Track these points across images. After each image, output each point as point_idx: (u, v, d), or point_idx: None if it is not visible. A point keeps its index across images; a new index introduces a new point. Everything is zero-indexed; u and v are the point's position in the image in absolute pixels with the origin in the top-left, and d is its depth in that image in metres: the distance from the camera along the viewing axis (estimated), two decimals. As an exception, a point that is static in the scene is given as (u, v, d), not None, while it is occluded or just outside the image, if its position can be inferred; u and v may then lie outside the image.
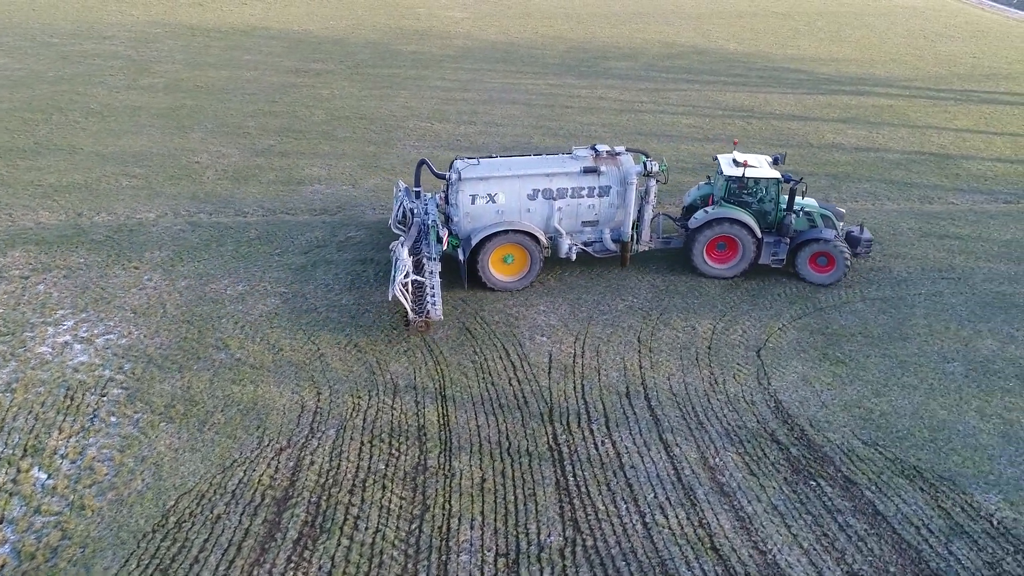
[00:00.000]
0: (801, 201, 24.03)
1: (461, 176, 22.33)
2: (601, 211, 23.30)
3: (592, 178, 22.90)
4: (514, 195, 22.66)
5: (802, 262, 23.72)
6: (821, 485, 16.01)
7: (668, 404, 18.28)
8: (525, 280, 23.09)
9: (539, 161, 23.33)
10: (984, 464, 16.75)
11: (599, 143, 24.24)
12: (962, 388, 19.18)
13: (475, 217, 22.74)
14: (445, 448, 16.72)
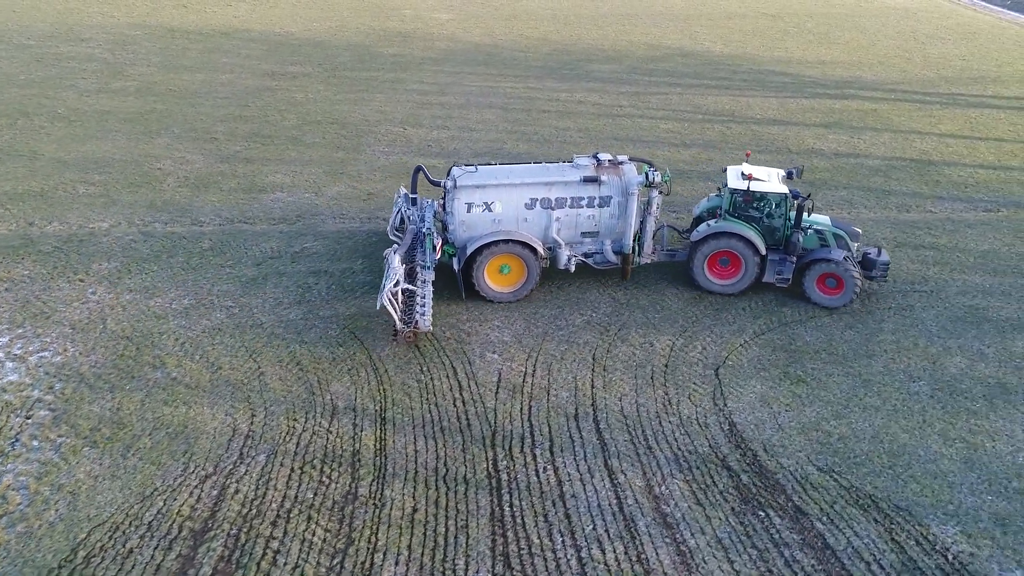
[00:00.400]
0: (812, 218, 23.00)
1: (457, 184, 21.81)
2: (601, 222, 22.61)
3: (592, 188, 22.21)
4: (511, 204, 22.10)
5: (809, 283, 22.56)
6: (770, 516, 15.20)
7: (617, 427, 17.45)
8: (522, 291, 22.47)
9: (538, 169, 22.84)
10: (944, 493, 15.92)
11: (601, 151, 23.69)
12: (926, 410, 18.35)
13: (471, 226, 22.21)
14: (379, 475, 15.93)
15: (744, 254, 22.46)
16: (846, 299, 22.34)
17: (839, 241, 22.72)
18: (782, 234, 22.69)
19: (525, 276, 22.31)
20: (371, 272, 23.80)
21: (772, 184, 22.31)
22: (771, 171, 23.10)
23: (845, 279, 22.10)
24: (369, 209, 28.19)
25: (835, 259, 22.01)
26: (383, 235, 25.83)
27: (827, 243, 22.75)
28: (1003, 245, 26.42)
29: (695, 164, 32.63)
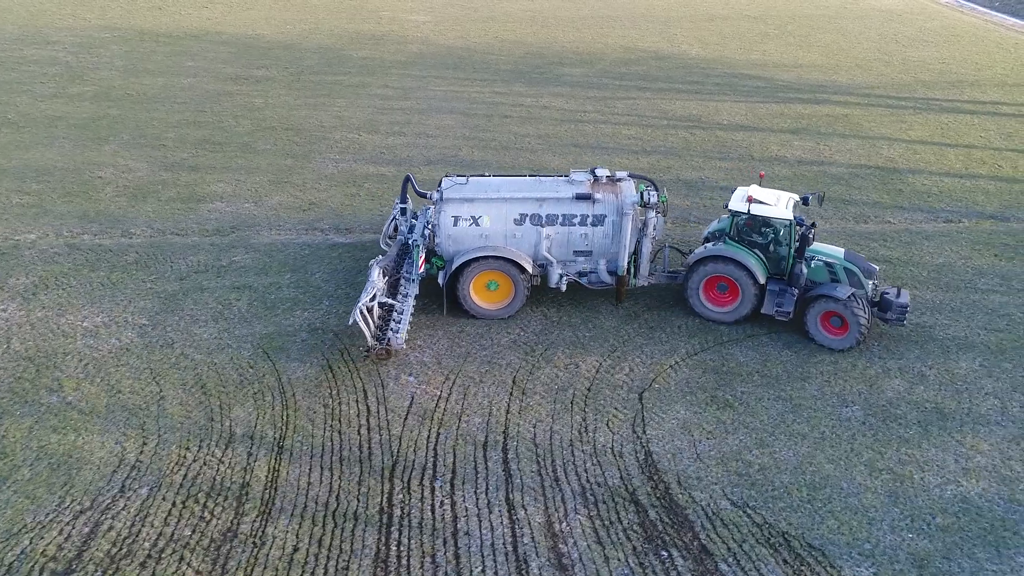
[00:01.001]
0: (820, 249, 21.43)
1: (443, 196, 21.20)
2: (595, 241, 21.61)
3: (586, 205, 21.34)
4: (500, 219, 21.34)
5: (812, 320, 20.82)
6: (672, 556, 14.28)
7: (526, 457, 16.55)
8: (510, 309, 21.71)
9: (531, 184, 22.05)
10: (862, 530, 14.97)
11: (599, 167, 22.50)
12: (856, 437, 17.42)
13: (457, 240, 21.53)
14: (264, 511, 15.04)
15: (741, 281, 21.12)
16: (850, 342, 20.51)
17: (851, 277, 20.94)
18: (788, 264, 21.12)
19: (513, 294, 21.53)
20: (298, 287, 22.93)
21: (777, 209, 20.82)
22: (781, 195, 21.54)
23: (849, 319, 20.21)
24: (308, 220, 27.30)
25: (839, 296, 20.15)
26: (318, 247, 25.08)
27: (837, 277, 21.00)
28: (959, 259, 25.48)
29: (653, 171, 31.77)
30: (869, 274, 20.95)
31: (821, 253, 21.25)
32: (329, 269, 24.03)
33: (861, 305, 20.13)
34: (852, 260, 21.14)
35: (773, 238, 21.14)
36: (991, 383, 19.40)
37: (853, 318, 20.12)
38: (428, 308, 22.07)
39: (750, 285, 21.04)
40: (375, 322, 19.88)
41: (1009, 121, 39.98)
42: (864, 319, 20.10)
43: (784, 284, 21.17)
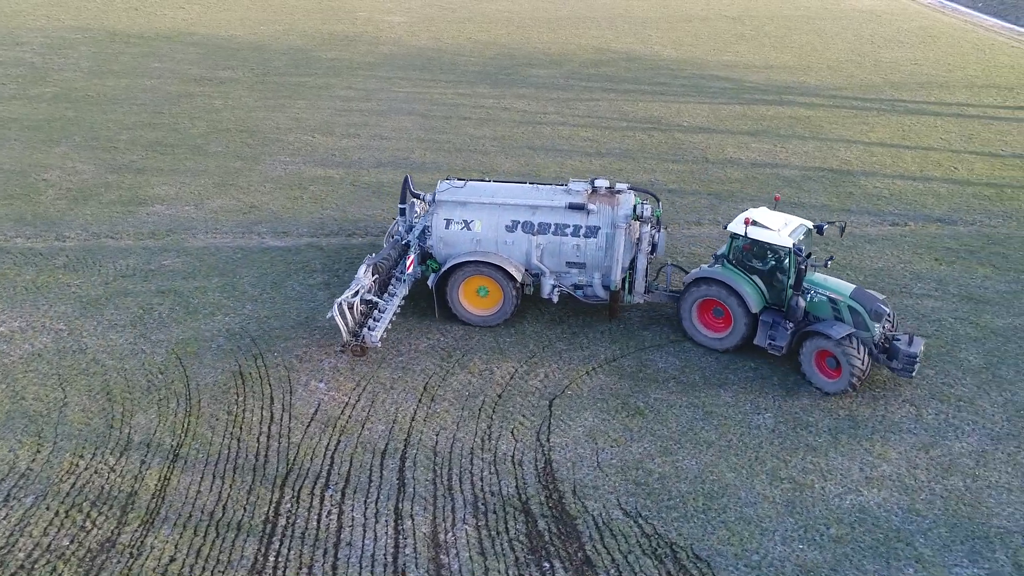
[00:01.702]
0: (826, 283, 19.69)
1: (436, 199, 21.16)
2: (588, 253, 21.07)
3: (579, 216, 20.88)
4: (491, 225, 21.10)
5: (807, 358, 19.39)
6: (554, 568, 14.07)
7: (424, 466, 16.35)
8: (498, 317, 21.39)
9: (527, 191, 21.62)
10: (753, 541, 14.77)
11: (599, 177, 21.96)
12: (763, 445, 17.21)
13: (448, 243, 21.41)
14: (148, 520, 14.86)
15: (733, 309, 19.99)
16: (842, 386, 19.00)
17: (854, 317, 19.13)
18: (784, 294, 19.78)
19: (501, 301, 21.18)
20: (224, 291, 22.72)
21: (777, 235, 19.36)
22: (791, 220, 20.12)
23: (842, 361, 18.69)
24: (246, 223, 27.13)
25: (833, 335, 18.50)
26: (251, 251, 25.13)
27: (840, 315, 19.22)
28: (899, 263, 25.27)
29: (605, 174, 31.53)
30: (876, 316, 18.98)
31: (826, 288, 19.51)
32: (258, 273, 23.83)
33: (857, 347, 18.44)
34: (859, 298, 19.20)
35: (774, 266, 19.77)
36: (909, 390, 19.18)
37: (846, 360, 18.57)
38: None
39: (742, 313, 19.91)
40: (356, 318, 19.81)
41: (972, 123, 39.75)
42: (859, 363, 18.43)
43: (779, 316, 19.76)
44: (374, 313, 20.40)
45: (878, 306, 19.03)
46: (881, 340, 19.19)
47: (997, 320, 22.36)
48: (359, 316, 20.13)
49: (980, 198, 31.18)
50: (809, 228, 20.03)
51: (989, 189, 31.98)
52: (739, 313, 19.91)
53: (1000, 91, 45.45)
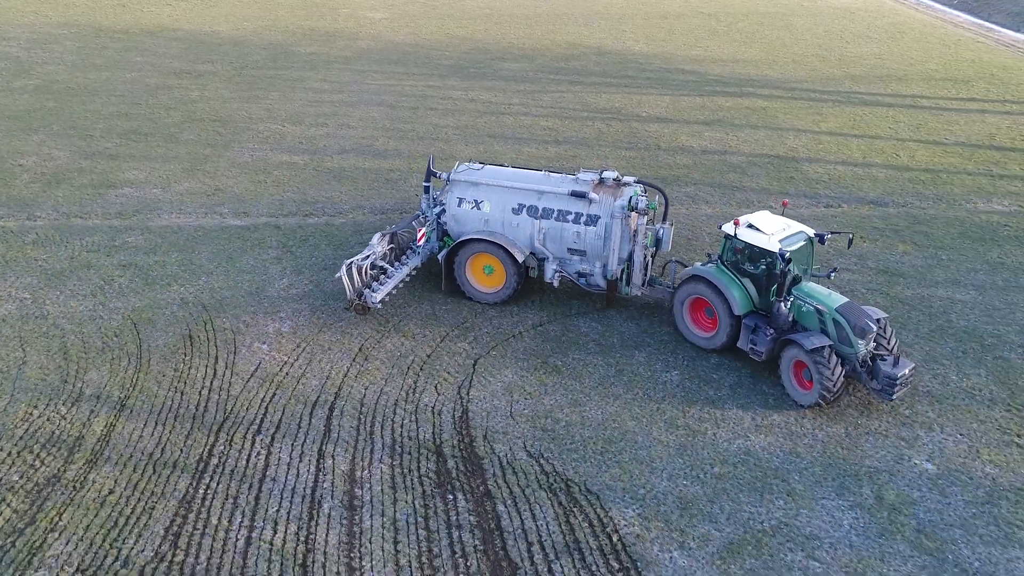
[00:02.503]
0: (818, 294, 19.06)
1: (451, 178, 22.32)
2: (587, 241, 21.63)
3: (581, 203, 21.44)
4: (499, 206, 22.01)
5: (785, 366, 18.99)
6: (457, 499, 15.63)
7: (350, 415, 17.91)
8: (501, 295, 22.38)
9: (536, 177, 22.39)
10: (642, 477, 16.34)
11: (608, 169, 22.46)
12: (666, 398, 18.77)
13: (460, 220, 22.50)
14: (92, 459, 16.42)
15: (718, 309, 19.97)
16: (812, 399, 18.47)
17: (838, 330, 18.52)
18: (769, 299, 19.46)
19: (504, 280, 22.11)
20: (181, 265, 24.27)
21: (766, 238, 19.05)
22: (790, 225, 19.64)
23: (813, 374, 18.15)
24: (210, 204, 28.65)
25: (806, 345, 17.97)
26: (211, 229, 26.64)
27: (825, 327, 18.68)
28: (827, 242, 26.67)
29: (558, 160, 33.06)
30: (860, 333, 18.19)
31: (816, 298, 18.91)
32: (216, 249, 25.37)
33: (828, 361, 17.81)
34: (846, 313, 18.44)
35: (764, 270, 19.43)
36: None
37: (819, 374, 17.96)
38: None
39: (726, 315, 19.81)
40: (364, 280, 21.37)
41: (923, 114, 41.21)
42: (830, 377, 17.81)
43: (762, 321, 19.47)
44: (381, 278, 21.87)
45: (865, 322, 18.12)
46: (866, 358, 18.40)
47: (907, 291, 23.91)
48: (367, 279, 21.66)
49: (915, 183, 32.68)
50: (810, 237, 19.49)
51: (926, 175, 33.48)
52: (724, 314, 19.80)
53: (956, 84, 46.88)
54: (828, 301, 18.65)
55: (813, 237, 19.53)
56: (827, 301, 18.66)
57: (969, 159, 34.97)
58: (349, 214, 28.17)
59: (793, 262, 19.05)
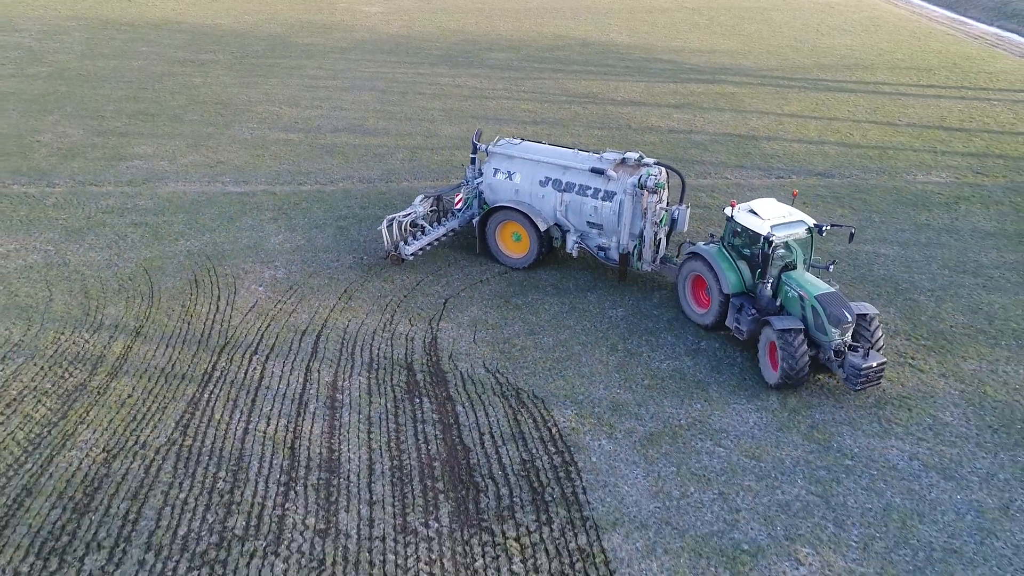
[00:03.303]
0: (800, 279, 19.44)
1: (489, 151, 24.17)
2: (604, 216, 22.76)
3: (599, 180, 22.57)
4: (528, 178, 23.60)
5: (762, 346, 19.38)
6: (423, 402, 18.59)
7: (334, 340, 20.86)
8: (525, 261, 24.07)
9: (565, 153, 23.67)
10: (582, 388, 19.29)
11: (632, 150, 23.30)
12: (611, 329, 21.71)
13: (494, 189, 24.33)
14: (113, 372, 19.35)
15: (711, 287, 20.63)
16: (776, 379, 18.93)
17: (816, 318, 18.82)
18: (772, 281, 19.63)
19: (529, 247, 23.66)
20: (188, 224, 27.24)
21: (760, 222, 19.46)
22: (792, 214, 19.94)
23: (779, 354, 18.51)
24: (212, 174, 31.63)
25: (776, 326, 18.43)
26: (214, 195, 29.49)
27: (805, 314, 19.04)
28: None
29: (534, 138, 35.82)
30: (835, 322, 18.43)
31: (800, 285, 19.23)
32: (218, 212, 28.36)
33: (794, 343, 18.17)
34: (824, 301, 18.72)
35: (759, 252, 19.71)
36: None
37: (785, 354, 18.30)
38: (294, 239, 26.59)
39: (717, 292, 20.46)
40: (402, 235, 23.78)
41: (882, 99, 44.10)
42: (795, 360, 18.25)
43: (748, 301, 20.11)
44: (416, 233, 24.38)
45: (842, 313, 18.41)
46: (840, 347, 18.62)
47: (837, 246, 26.85)
48: (405, 234, 24.01)
49: (863, 158, 35.61)
50: (810, 226, 19.72)
51: (874, 151, 36.42)
52: (716, 292, 20.46)
53: (919, 72, 49.74)
54: (811, 289, 18.90)
55: (813, 227, 19.63)
56: (810, 289, 18.91)
57: (917, 138, 37.83)
58: (339, 183, 31.13)
59: (787, 248, 19.60)
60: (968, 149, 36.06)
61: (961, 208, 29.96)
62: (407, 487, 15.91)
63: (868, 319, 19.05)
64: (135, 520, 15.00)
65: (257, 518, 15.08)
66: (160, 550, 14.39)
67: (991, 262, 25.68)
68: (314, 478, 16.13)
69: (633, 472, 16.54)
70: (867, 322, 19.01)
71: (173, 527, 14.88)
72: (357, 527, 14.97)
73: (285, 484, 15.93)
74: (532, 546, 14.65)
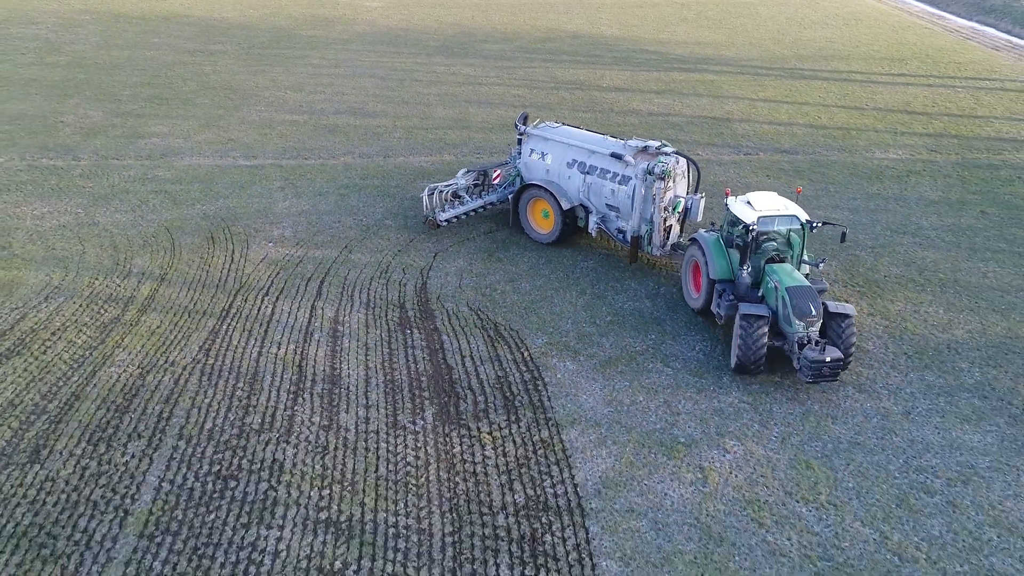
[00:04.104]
0: (779, 271, 19.77)
1: (527, 133, 25.63)
2: (619, 199, 23.61)
3: (618, 164, 23.41)
4: (558, 159, 24.91)
5: (735, 330, 19.60)
6: (413, 333, 21.54)
7: (336, 284, 23.82)
8: (550, 237, 25.50)
9: (593, 138, 24.70)
10: (552, 322, 22.24)
11: (654, 140, 24.37)
12: (582, 277, 24.64)
13: (530, 168, 25.90)
14: (142, 309, 22.31)
15: (703, 271, 21.28)
16: (733, 360, 19.71)
17: (783, 308, 19.23)
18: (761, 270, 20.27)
19: (554, 224, 25.09)
20: (203, 191, 30.20)
21: (748, 211, 19.90)
22: (787, 207, 20.14)
23: (738, 340, 19.03)
24: (224, 150, 34.59)
25: (741, 310, 19.03)
26: (226, 167, 32.32)
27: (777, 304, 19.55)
28: (738, 177, 32.64)
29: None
30: (800, 314, 18.66)
31: (778, 276, 19.55)
32: (230, 181, 31.34)
33: (751, 328, 18.66)
34: (794, 294, 18.98)
35: (742, 238, 20.06)
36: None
37: (739, 339, 18.93)
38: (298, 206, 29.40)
39: (706, 278, 21.04)
40: (440, 203, 26.24)
41: (853, 86, 46.95)
42: (750, 346, 18.78)
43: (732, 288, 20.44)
44: (455, 203, 26.65)
45: (807, 306, 18.62)
46: (803, 340, 18.77)
47: (793, 211, 29.76)
48: (442, 202, 26.38)
49: (828, 138, 38.50)
50: (801, 222, 19.84)
51: (838, 132, 39.31)
52: (705, 276, 21.11)
53: (892, 62, 52.53)
54: (786, 280, 19.08)
55: (805, 223, 19.74)
56: (785, 280, 19.09)
57: (881, 120, 40.72)
58: (341, 157, 34.11)
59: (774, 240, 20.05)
60: (927, 130, 38.91)
61: (911, 181, 32.83)
62: (398, 395, 18.85)
63: (844, 319, 19.01)
64: (168, 417, 17.92)
65: (271, 417, 18.02)
66: (190, 439, 17.33)
67: (930, 224, 28.60)
68: (319, 388, 19.09)
69: (592, 386, 19.46)
70: (842, 321, 18.98)
71: (200, 422, 17.81)
72: (355, 424, 17.92)
73: (294, 393, 18.87)
74: (502, 439, 17.59)
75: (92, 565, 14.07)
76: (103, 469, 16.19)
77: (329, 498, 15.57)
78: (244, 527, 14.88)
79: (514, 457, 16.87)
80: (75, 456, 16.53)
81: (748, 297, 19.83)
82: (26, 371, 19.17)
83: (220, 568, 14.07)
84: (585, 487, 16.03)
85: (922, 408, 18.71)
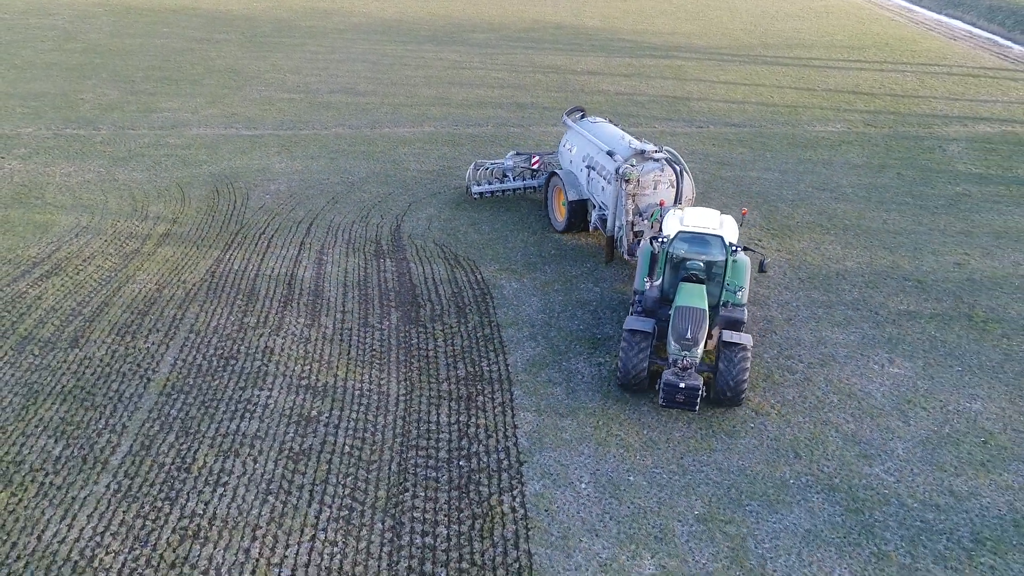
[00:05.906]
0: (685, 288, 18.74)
1: (566, 124, 27.16)
2: (607, 197, 23.91)
3: (611, 162, 23.67)
4: (579, 153, 25.73)
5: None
6: (385, 262, 25.79)
7: (322, 227, 27.96)
8: (560, 225, 26.81)
9: (610, 136, 25.09)
10: (504, 256, 26.38)
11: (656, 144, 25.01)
12: (536, 222, 28.74)
13: (562, 159, 27.15)
14: (158, 244, 26.56)
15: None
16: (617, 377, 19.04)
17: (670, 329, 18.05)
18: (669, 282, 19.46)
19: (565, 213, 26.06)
20: (209, 155, 34.48)
21: (670, 224, 19.43)
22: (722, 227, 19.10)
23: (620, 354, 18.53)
24: (228, 123, 38.89)
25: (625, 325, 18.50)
26: (231, 136, 36.46)
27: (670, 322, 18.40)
28: (687, 145, 36.70)
29: (498, 98, 42.67)
30: (676, 335, 17.76)
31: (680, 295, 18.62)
32: (233, 148, 35.64)
33: (630, 344, 18.18)
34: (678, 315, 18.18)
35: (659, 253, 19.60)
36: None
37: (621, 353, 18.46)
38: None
39: None
40: (477, 178, 28.90)
41: (810, 71, 50.98)
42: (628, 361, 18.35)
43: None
44: (493, 180, 28.93)
45: (684, 328, 17.65)
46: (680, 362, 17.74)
47: (730, 172, 33.96)
48: (481, 178, 28.85)
49: (775, 114, 42.63)
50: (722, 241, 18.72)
51: (786, 109, 43.45)
52: None
53: (851, 50, 56.47)
54: (681, 300, 18.14)
55: (728, 245, 18.56)
56: (681, 299, 18.15)
57: (828, 100, 44.81)
58: (332, 128, 38.37)
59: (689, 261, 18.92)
60: (868, 108, 43.02)
61: (842, 148, 37.00)
62: (369, 305, 23.13)
63: (736, 349, 17.85)
64: (180, 318, 22.22)
65: (264, 318, 22.31)
66: (199, 332, 21.61)
67: (848, 183, 32.81)
68: (305, 299, 23.34)
69: (531, 299, 23.71)
70: (734, 352, 17.81)
71: (207, 321, 22.10)
72: (333, 323, 22.20)
73: (283, 302, 23.15)
74: (453, 335, 21.89)
75: (123, 412, 18.35)
76: (129, 352, 20.47)
77: (309, 372, 19.84)
78: (241, 389, 19.15)
79: (460, 347, 21.12)
80: (106, 344, 20.83)
81: (651, 309, 18.66)
82: (63, 286, 23.44)
83: (223, 414, 18.36)
84: (515, 366, 20.25)
85: (802, 316, 22.93)
